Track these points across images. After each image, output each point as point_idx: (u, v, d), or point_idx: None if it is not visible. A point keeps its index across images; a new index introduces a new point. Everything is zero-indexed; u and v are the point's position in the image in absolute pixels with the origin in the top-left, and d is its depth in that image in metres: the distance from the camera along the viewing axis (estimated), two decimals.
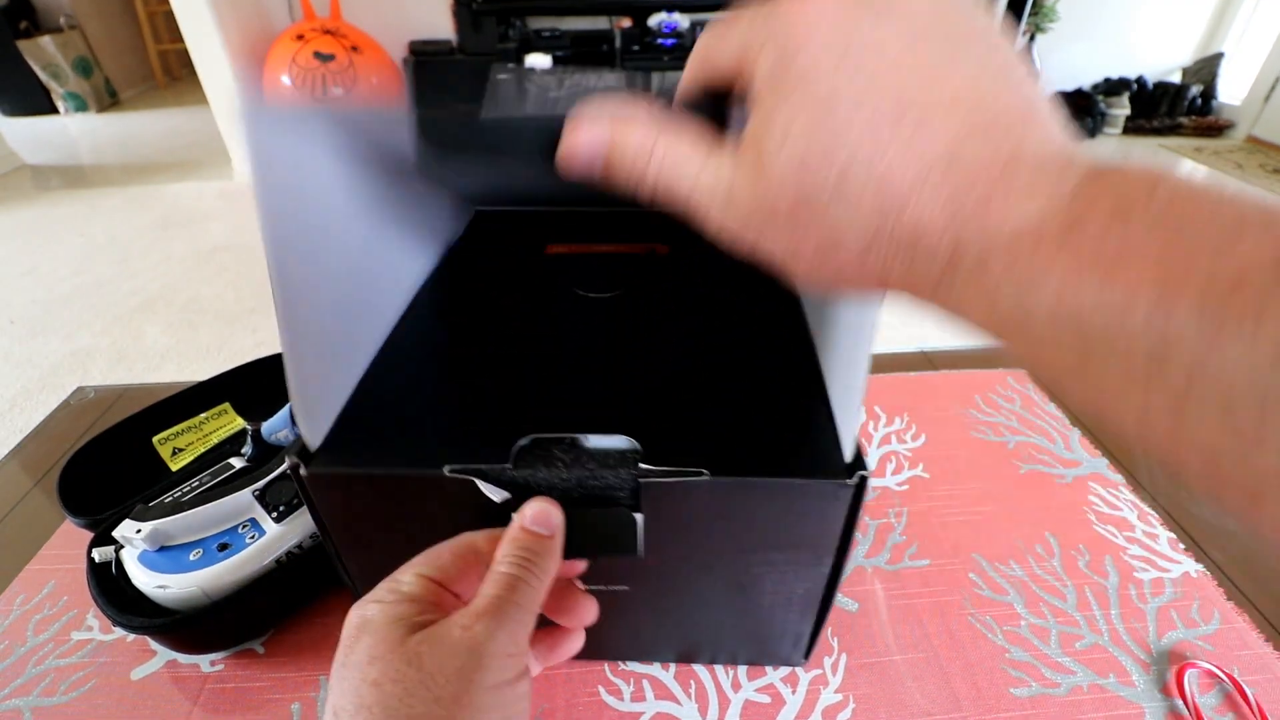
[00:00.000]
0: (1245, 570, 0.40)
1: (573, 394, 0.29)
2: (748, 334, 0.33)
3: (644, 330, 0.33)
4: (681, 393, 0.29)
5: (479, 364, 0.31)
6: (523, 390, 0.29)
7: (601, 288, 0.36)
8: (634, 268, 0.38)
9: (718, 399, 0.28)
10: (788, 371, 0.30)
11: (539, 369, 0.31)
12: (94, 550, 0.35)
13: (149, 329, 1.68)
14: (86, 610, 0.38)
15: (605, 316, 0.34)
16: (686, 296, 0.36)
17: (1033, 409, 0.53)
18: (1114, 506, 0.44)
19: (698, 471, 0.23)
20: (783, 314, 0.33)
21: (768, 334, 0.32)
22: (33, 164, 2.84)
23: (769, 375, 0.30)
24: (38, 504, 0.47)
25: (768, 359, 0.31)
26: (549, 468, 0.24)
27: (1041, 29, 2.99)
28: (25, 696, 0.34)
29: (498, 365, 0.31)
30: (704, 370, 0.30)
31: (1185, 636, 0.36)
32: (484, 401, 0.29)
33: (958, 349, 0.60)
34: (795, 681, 0.35)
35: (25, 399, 1.44)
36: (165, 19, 3.63)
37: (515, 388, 0.29)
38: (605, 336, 0.32)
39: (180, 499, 0.35)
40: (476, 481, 0.24)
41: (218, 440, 0.45)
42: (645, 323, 0.34)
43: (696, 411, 0.28)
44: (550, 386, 0.29)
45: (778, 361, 0.30)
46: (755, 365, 0.30)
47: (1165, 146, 2.94)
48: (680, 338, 0.33)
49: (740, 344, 0.32)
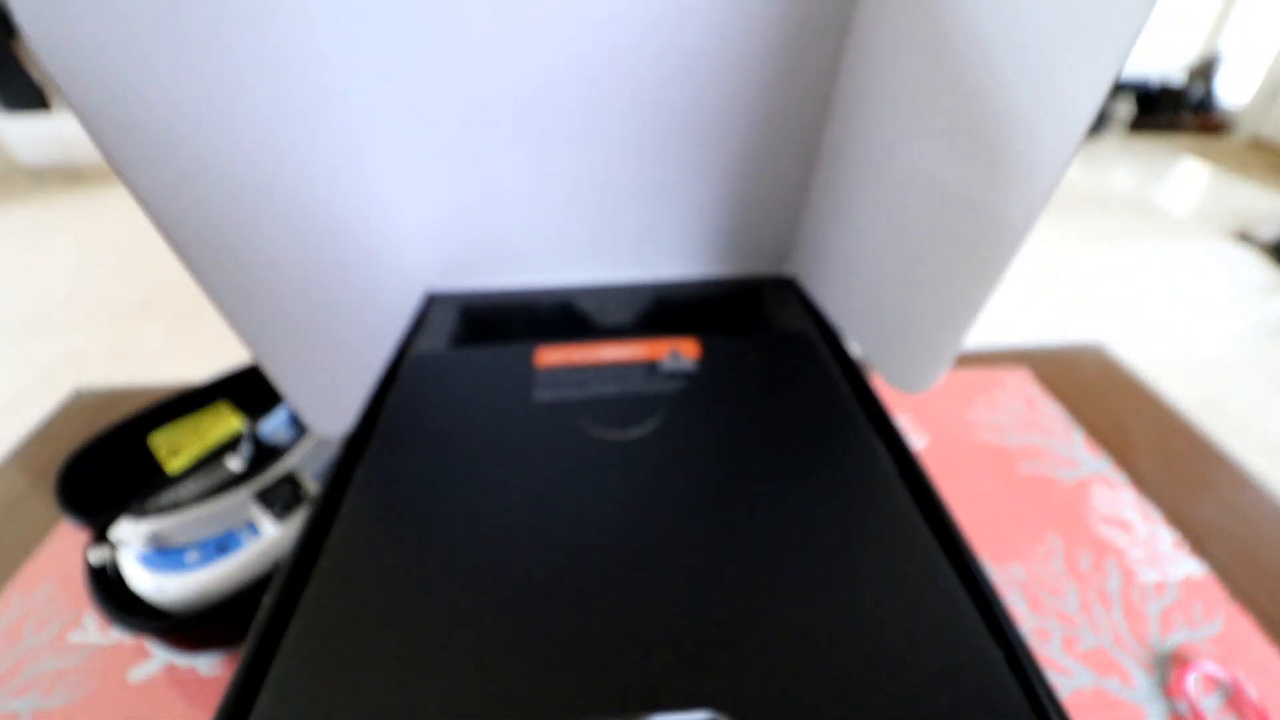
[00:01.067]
0: (1249, 572, 0.40)
1: (611, 631, 0.19)
2: (832, 495, 0.23)
3: (690, 499, 0.23)
4: (767, 613, 0.19)
5: (453, 574, 0.21)
6: (537, 628, 0.19)
7: (621, 422, 0.26)
8: (659, 386, 0.29)
9: (823, 622, 0.19)
10: (907, 561, 0.21)
11: (544, 583, 0.20)
12: (91, 551, 0.35)
13: (148, 329, 1.68)
14: (83, 612, 0.38)
15: (635, 480, 0.24)
16: (733, 433, 0.26)
17: (1034, 409, 0.53)
18: (1117, 508, 0.44)
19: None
20: (862, 456, 0.25)
21: (859, 494, 0.23)
22: (30, 163, 2.84)
23: (884, 569, 0.21)
24: (35, 504, 0.47)
25: (876, 541, 0.22)
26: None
27: None
28: (22, 698, 0.34)
29: (484, 579, 0.21)
30: (792, 571, 0.21)
31: (1188, 638, 0.36)
32: (488, 655, 0.19)
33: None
34: None
35: (24, 399, 1.44)
36: None
37: (526, 626, 0.19)
38: (639, 515, 0.23)
39: (178, 500, 0.35)
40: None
41: (216, 441, 0.45)
42: (688, 483, 0.24)
43: (800, 649, 0.19)
44: (574, 618, 0.19)
45: (888, 541, 0.22)
46: (860, 553, 0.21)
47: (1167, 146, 2.93)
48: (749, 513, 0.23)
49: (832, 518, 0.23)
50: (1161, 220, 2.23)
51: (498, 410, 0.27)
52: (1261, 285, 1.84)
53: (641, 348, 0.31)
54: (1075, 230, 2.14)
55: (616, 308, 0.38)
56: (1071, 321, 1.68)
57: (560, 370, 0.30)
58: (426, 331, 0.35)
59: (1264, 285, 1.84)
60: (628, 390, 0.28)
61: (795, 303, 0.38)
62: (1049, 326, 1.65)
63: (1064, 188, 2.48)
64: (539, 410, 0.27)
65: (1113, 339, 0.62)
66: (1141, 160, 2.80)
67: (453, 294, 0.39)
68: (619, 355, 0.31)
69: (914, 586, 0.20)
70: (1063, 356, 0.60)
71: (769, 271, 0.42)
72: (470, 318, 0.38)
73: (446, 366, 0.31)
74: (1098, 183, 2.54)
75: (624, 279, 0.40)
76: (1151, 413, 0.53)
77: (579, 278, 0.40)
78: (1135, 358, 0.59)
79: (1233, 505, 0.45)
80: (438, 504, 0.23)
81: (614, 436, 0.26)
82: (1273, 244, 1.98)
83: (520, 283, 0.40)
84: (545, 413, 0.27)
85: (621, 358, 0.30)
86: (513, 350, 0.31)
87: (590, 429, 0.26)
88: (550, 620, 0.19)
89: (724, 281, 0.41)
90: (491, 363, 0.31)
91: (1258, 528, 0.43)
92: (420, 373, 0.30)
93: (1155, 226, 2.18)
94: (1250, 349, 1.57)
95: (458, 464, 0.25)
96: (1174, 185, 2.56)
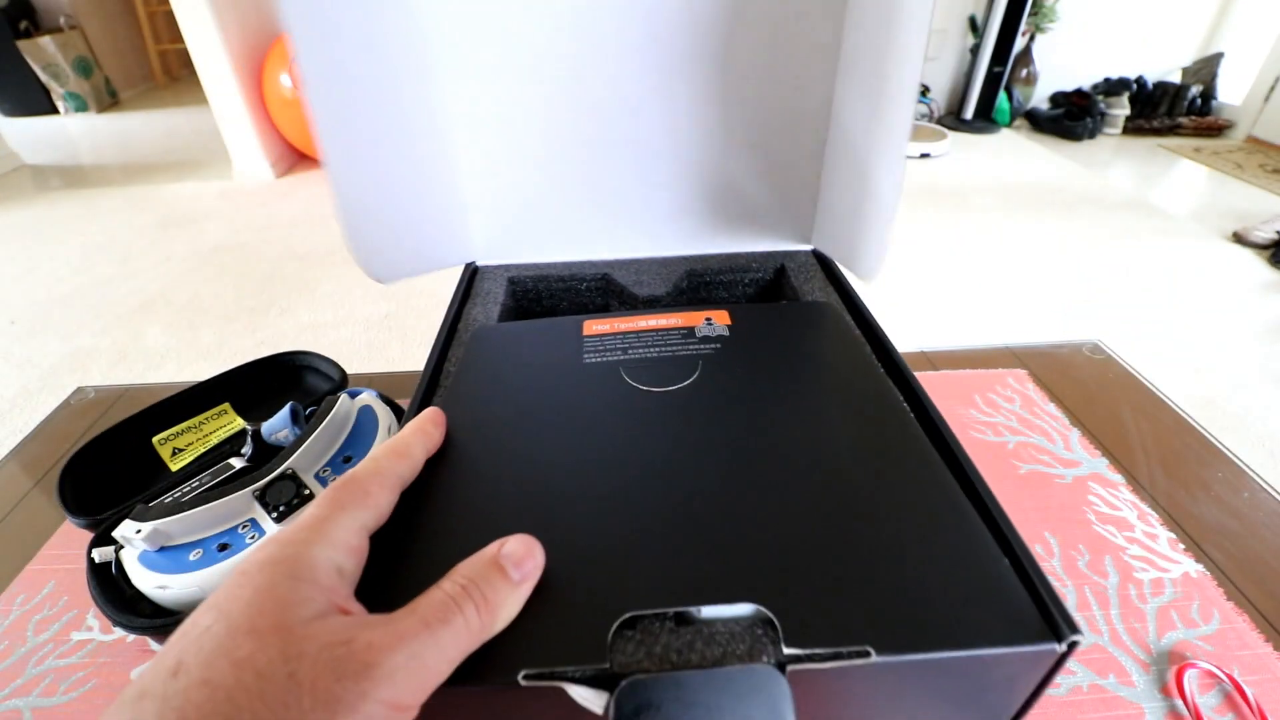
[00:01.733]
0: (1245, 570, 0.40)
1: (662, 537, 0.22)
2: (855, 429, 0.26)
3: (728, 434, 0.26)
4: (799, 524, 0.22)
5: (525, 500, 0.24)
6: (592, 536, 0.22)
7: (662, 380, 0.29)
8: (696, 349, 0.31)
9: (848, 531, 0.22)
10: (922, 482, 0.23)
11: (603, 502, 0.23)
12: (94, 550, 0.35)
13: (149, 329, 1.68)
14: (86, 610, 0.39)
15: (677, 422, 0.27)
16: (766, 382, 0.29)
17: (1032, 409, 0.53)
18: (1114, 507, 0.44)
19: (861, 651, 0.18)
20: (880, 396, 0.28)
21: (877, 427, 0.26)
22: (33, 164, 2.84)
23: (903, 489, 0.23)
24: (38, 504, 0.47)
25: (894, 466, 0.24)
26: (654, 646, 0.19)
27: (1041, 29, 3.00)
28: (25, 696, 0.34)
29: (552, 501, 0.23)
30: (819, 488, 0.23)
31: (1185, 636, 0.36)
32: (548, 558, 0.21)
33: (958, 349, 0.60)
34: None
35: (25, 399, 1.44)
36: (165, 19, 3.64)
37: (583, 534, 0.22)
38: (683, 449, 0.25)
39: (180, 499, 0.35)
40: (568, 689, 0.18)
41: (218, 440, 0.45)
42: (724, 423, 0.26)
43: (829, 553, 0.21)
44: (627, 526, 0.22)
45: (906, 466, 0.24)
46: (881, 475, 0.24)
47: (1165, 147, 2.94)
48: (780, 444, 0.25)
49: (855, 446, 0.25)
50: (1159, 220, 2.23)
51: (552, 372, 0.31)
52: (1259, 285, 1.84)
53: (678, 317, 0.34)
54: (1073, 230, 2.14)
55: (651, 280, 0.41)
56: (1069, 321, 1.68)
57: (607, 337, 0.33)
58: (477, 301, 0.39)
59: (1261, 285, 1.84)
60: (667, 352, 0.31)
61: (818, 274, 0.41)
62: (1047, 326, 1.66)
63: (1063, 188, 2.49)
64: (589, 370, 0.30)
65: (1110, 339, 0.62)
66: (1139, 160, 2.80)
67: (499, 266, 0.43)
68: (659, 324, 0.34)
69: (930, 505, 0.22)
70: (1061, 356, 0.60)
71: (793, 245, 0.44)
72: (517, 288, 0.42)
73: (505, 336, 0.35)
74: (1095, 183, 2.54)
75: (658, 254, 0.44)
76: (1149, 412, 0.53)
77: (616, 254, 0.44)
78: (1133, 357, 0.60)
79: (1230, 504, 0.45)
80: (502, 451, 0.26)
81: (658, 389, 0.29)
82: (1270, 244, 1.99)
83: (561, 257, 0.43)
84: (595, 371, 0.30)
85: (661, 325, 0.33)
86: (563, 322, 0.34)
87: (635, 383, 0.29)
88: (606, 535, 0.22)
89: (751, 255, 0.44)
90: (544, 333, 0.34)
91: (1255, 527, 0.43)
92: (482, 343, 0.34)
93: (1153, 226, 2.18)
94: (1247, 348, 1.57)
95: (519, 418, 0.28)
96: (1171, 185, 2.57)
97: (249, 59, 2.45)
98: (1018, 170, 2.67)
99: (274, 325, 1.69)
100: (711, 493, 0.23)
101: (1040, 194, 2.43)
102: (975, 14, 3.01)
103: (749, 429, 0.26)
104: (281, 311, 1.74)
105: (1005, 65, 2.95)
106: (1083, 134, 2.99)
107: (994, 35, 2.87)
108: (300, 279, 1.88)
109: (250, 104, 2.46)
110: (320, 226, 2.19)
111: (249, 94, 2.46)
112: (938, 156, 2.75)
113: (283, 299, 1.79)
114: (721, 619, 0.20)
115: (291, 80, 2.33)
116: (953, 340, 1.58)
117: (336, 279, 1.87)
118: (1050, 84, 3.20)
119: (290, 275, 1.90)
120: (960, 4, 3.01)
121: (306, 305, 1.76)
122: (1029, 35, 3.01)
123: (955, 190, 2.45)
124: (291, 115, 2.42)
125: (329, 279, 1.87)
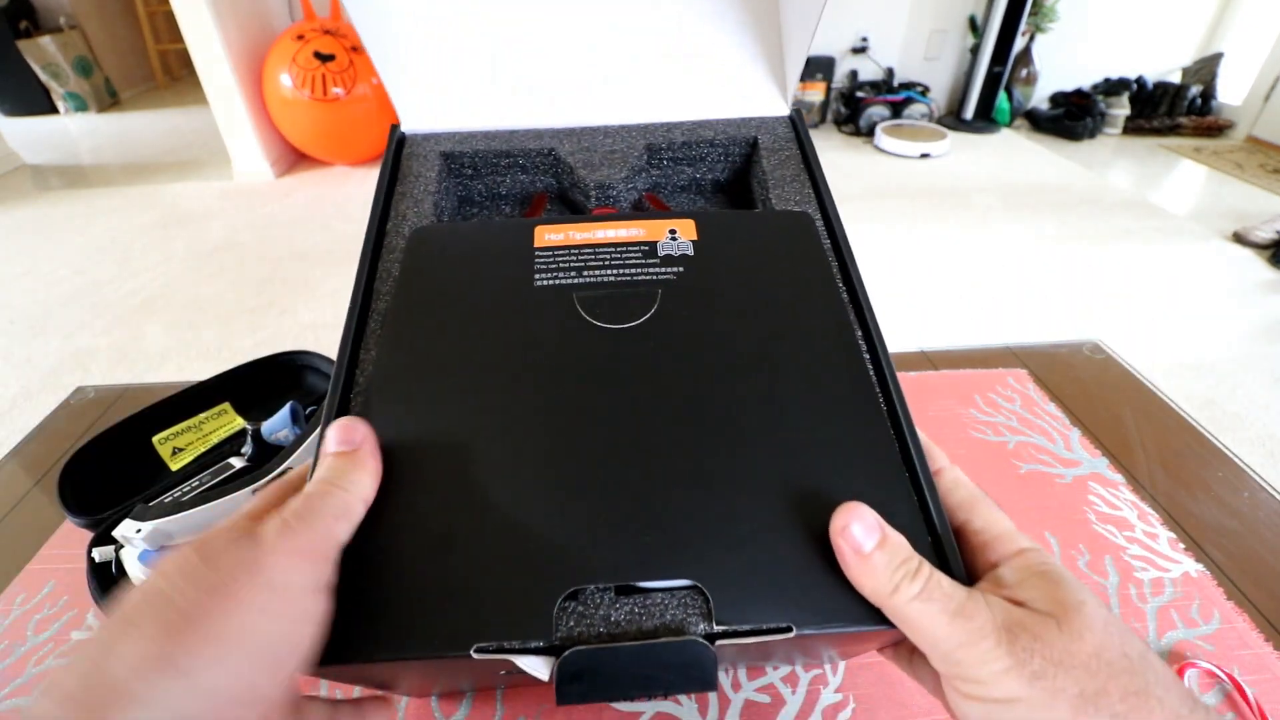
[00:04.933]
0: (1245, 570, 0.40)
1: (607, 506, 0.22)
2: (810, 385, 0.25)
3: (683, 390, 0.25)
4: (740, 491, 0.22)
5: (468, 465, 0.23)
6: (539, 504, 0.22)
7: (619, 312, 0.27)
8: (657, 268, 0.29)
9: (788, 499, 0.22)
10: (869, 453, 0.23)
11: (549, 468, 0.23)
12: (94, 550, 0.35)
13: (149, 329, 1.68)
14: (86, 610, 0.38)
15: (627, 366, 0.25)
16: (724, 321, 0.27)
17: (1032, 409, 0.53)
18: (1114, 506, 0.44)
19: (782, 628, 0.20)
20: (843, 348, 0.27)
21: (834, 384, 0.25)
22: (33, 164, 2.84)
23: (846, 457, 0.23)
24: (38, 504, 0.47)
25: (848, 435, 0.24)
26: (591, 619, 0.20)
27: (1041, 29, 3.00)
28: (25, 696, 0.34)
29: (497, 466, 0.23)
30: (764, 452, 0.23)
31: (1185, 636, 0.36)
32: (480, 523, 0.22)
33: (957, 349, 0.60)
34: (795, 681, 0.35)
35: (25, 399, 1.44)
36: (165, 19, 3.63)
37: (530, 501, 0.22)
38: (632, 405, 0.24)
39: (180, 499, 0.35)
40: (515, 660, 0.19)
41: (218, 440, 0.45)
42: (681, 372, 0.25)
43: (765, 525, 0.22)
44: (573, 495, 0.22)
45: (855, 432, 0.24)
46: (831, 444, 0.24)
47: (1165, 147, 2.94)
48: (732, 401, 0.25)
49: (807, 407, 0.25)
50: (1159, 220, 2.23)
51: (500, 299, 0.28)
52: (1259, 285, 1.84)
53: (641, 226, 0.30)
54: (1073, 230, 2.14)
55: (605, 160, 0.36)
56: (1069, 321, 1.68)
57: (560, 250, 0.29)
58: (407, 182, 0.34)
59: (1261, 285, 1.84)
60: (625, 275, 0.28)
61: (795, 157, 0.36)
62: (1047, 326, 1.66)
63: (1063, 188, 2.49)
64: (540, 297, 0.28)
65: (1110, 339, 0.62)
66: (1139, 161, 2.80)
67: (429, 134, 0.37)
68: (618, 236, 0.30)
69: (871, 474, 0.23)
70: (1061, 356, 0.60)
71: (767, 110, 0.38)
72: (453, 164, 0.37)
73: (447, 240, 0.31)
74: (1095, 183, 2.54)
75: (612, 121, 0.38)
76: (1149, 412, 0.53)
77: (562, 120, 0.38)
78: (1133, 357, 0.60)
79: (1230, 504, 0.45)
80: (445, 412, 0.24)
81: (612, 325, 0.27)
82: (1270, 244, 1.98)
83: (500, 124, 0.37)
84: (546, 299, 0.28)
85: (620, 240, 0.30)
86: (512, 227, 0.31)
87: (589, 316, 0.27)
88: (552, 503, 0.22)
89: (721, 124, 0.38)
90: (493, 239, 0.30)
91: (1255, 526, 0.43)
92: (421, 250, 0.30)
93: (1153, 226, 2.18)
94: (1247, 348, 1.57)
95: (462, 363, 0.26)
96: (1172, 185, 2.57)
97: (249, 59, 2.45)
98: (1018, 170, 2.67)
99: (274, 325, 1.69)
100: (659, 455, 0.23)
101: (1040, 194, 2.43)
102: (975, 14, 3.00)
103: (702, 378, 0.25)
104: (281, 311, 1.74)
105: (1005, 65, 2.95)
106: (1083, 134, 2.99)
107: (994, 35, 2.87)
108: (300, 279, 1.88)
109: (250, 104, 2.46)
110: (320, 226, 2.19)
111: (249, 94, 2.45)
112: (938, 156, 2.75)
113: (283, 299, 1.79)
114: (658, 590, 0.21)
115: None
116: (953, 340, 1.58)
117: (337, 279, 1.87)
118: (1050, 84, 3.20)
119: (290, 275, 1.90)
120: (960, 4, 3.01)
121: (306, 305, 1.76)
122: (1029, 35, 3.01)
123: (955, 190, 2.45)
124: (291, 115, 2.42)
125: (329, 279, 1.87)
